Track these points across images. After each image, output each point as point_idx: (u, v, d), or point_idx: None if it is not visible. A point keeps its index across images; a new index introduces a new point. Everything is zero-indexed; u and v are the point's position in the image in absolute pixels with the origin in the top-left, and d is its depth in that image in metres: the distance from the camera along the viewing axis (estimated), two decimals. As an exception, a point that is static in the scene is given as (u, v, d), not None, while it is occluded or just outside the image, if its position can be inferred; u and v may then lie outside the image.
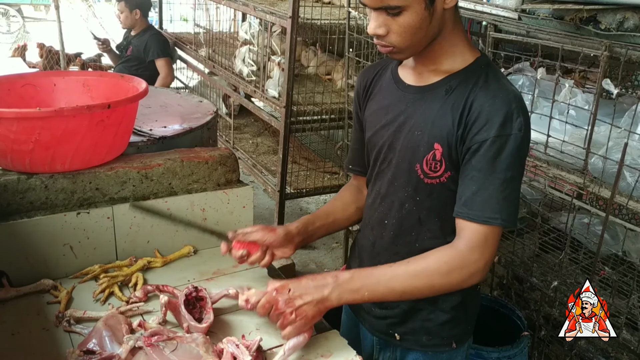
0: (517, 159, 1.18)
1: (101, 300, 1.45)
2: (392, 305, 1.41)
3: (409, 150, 1.29)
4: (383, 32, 1.20)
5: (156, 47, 4.49)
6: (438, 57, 1.27)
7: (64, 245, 1.53)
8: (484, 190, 1.18)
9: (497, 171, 1.17)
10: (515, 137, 1.16)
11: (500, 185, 1.17)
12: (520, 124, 1.17)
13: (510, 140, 1.16)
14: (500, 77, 1.25)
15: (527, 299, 2.39)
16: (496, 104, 1.18)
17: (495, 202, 1.17)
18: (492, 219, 1.18)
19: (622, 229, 2.30)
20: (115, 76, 1.83)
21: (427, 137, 1.25)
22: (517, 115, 1.17)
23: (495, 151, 1.17)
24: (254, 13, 3.49)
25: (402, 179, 1.32)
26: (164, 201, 1.65)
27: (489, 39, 2.27)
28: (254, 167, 3.81)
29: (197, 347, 1.21)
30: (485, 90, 1.21)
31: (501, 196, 1.17)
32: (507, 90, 1.21)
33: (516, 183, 1.20)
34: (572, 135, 2.04)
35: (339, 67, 3.72)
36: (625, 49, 1.78)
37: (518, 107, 1.18)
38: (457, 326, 1.39)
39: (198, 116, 2.07)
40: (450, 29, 1.24)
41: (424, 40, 1.22)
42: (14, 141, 1.43)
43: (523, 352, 2.10)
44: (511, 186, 1.18)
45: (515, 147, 1.17)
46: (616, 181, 1.83)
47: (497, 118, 1.16)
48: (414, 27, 1.17)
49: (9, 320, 1.36)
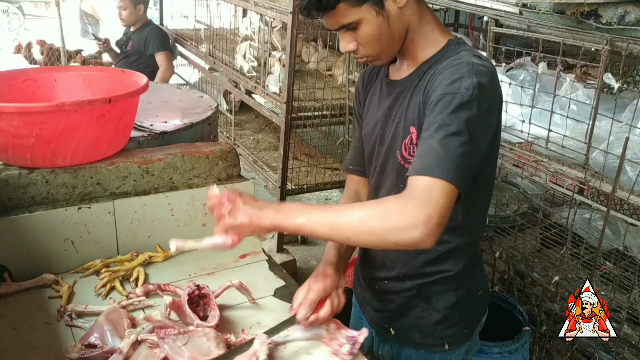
0: (461, 116, 1.11)
1: (102, 295, 1.45)
2: (388, 299, 1.41)
3: (392, 139, 1.31)
4: (353, 48, 1.25)
5: (156, 41, 4.48)
6: (413, 51, 1.30)
7: (65, 240, 1.53)
8: (427, 146, 1.12)
9: (439, 127, 1.12)
10: (461, 95, 1.12)
11: (441, 140, 1.10)
12: (470, 85, 1.12)
13: (456, 98, 1.12)
14: (467, 50, 1.24)
15: (529, 294, 2.39)
16: (448, 70, 1.18)
17: (434, 155, 1.09)
18: (427, 170, 1.08)
19: (624, 223, 2.30)
20: (115, 71, 1.84)
21: (404, 123, 1.27)
22: (468, 77, 1.14)
23: (440, 108, 1.13)
24: (254, 9, 3.49)
25: (388, 168, 1.34)
26: (165, 196, 1.65)
27: (490, 34, 2.27)
28: (255, 164, 3.81)
29: (208, 342, 1.21)
30: (445, 62, 1.22)
31: (442, 150, 1.09)
32: (463, 59, 1.19)
33: (461, 140, 1.10)
34: (573, 130, 2.04)
35: (340, 63, 3.71)
36: (627, 43, 1.77)
37: (470, 71, 1.15)
38: (451, 327, 1.38)
39: (199, 111, 2.07)
40: (417, 22, 1.26)
41: (393, 42, 1.25)
42: (15, 136, 1.43)
43: (524, 347, 2.10)
44: (455, 142, 1.10)
45: (460, 103, 1.11)
46: (617, 176, 1.83)
47: (446, 80, 1.16)
48: (376, 35, 1.22)
49: (10, 314, 1.36)
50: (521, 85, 2.25)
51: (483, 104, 1.14)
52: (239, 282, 1.42)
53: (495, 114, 1.22)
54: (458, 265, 1.34)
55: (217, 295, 1.40)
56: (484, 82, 1.15)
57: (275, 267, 1.67)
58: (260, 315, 1.41)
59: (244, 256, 1.69)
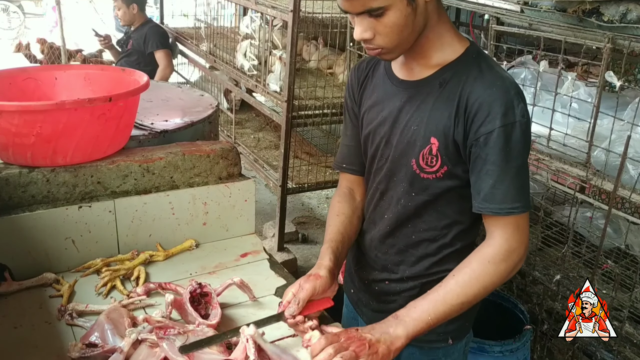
0: (525, 145, 1.19)
1: (103, 294, 1.45)
2: (390, 299, 1.41)
3: (406, 145, 1.28)
4: (370, 36, 1.18)
5: (155, 39, 4.48)
6: (427, 50, 1.25)
7: (66, 239, 1.53)
8: (502, 182, 1.18)
9: (510, 161, 1.17)
10: (520, 123, 1.16)
11: (516, 175, 1.18)
12: (522, 110, 1.17)
13: (516, 128, 1.16)
14: (493, 65, 1.24)
15: (530, 292, 2.38)
16: (494, 93, 1.17)
17: (514, 192, 1.18)
18: (515, 209, 1.18)
19: (625, 222, 2.30)
20: (116, 70, 1.83)
21: (424, 132, 1.24)
22: (518, 101, 1.17)
23: (504, 141, 1.16)
24: (255, 7, 3.48)
25: (399, 174, 1.31)
26: (165, 195, 1.65)
27: (491, 32, 2.26)
28: (256, 162, 3.81)
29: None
30: (481, 81, 1.19)
31: (518, 184, 1.19)
32: (503, 78, 1.20)
33: (527, 168, 1.22)
34: (575, 129, 2.04)
35: (341, 61, 3.70)
36: (628, 41, 1.77)
37: (516, 93, 1.18)
38: (453, 322, 1.35)
39: (199, 110, 2.07)
40: (436, 20, 1.23)
41: (411, 37, 1.20)
42: (16, 135, 1.43)
43: (525, 346, 2.09)
44: (523, 172, 1.20)
45: (521, 134, 1.17)
46: (619, 174, 1.83)
47: (499, 108, 1.16)
48: (400, 26, 1.16)
49: (11, 313, 1.36)
50: (522, 83, 2.24)
51: (530, 123, 1.22)
52: (240, 279, 1.41)
53: None
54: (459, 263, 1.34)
55: (218, 294, 1.39)
56: (526, 102, 1.21)
57: (276, 265, 1.66)
58: (261, 314, 1.41)
59: (245, 255, 1.69)
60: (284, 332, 1.34)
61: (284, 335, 1.33)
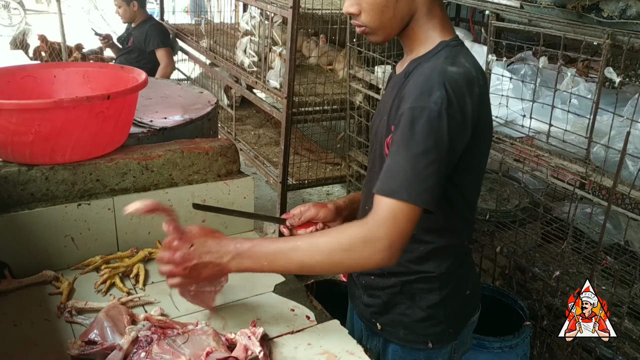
0: (431, 133, 1.10)
1: (102, 291, 1.45)
2: (375, 294, 1.41)
3: (379, 135, 1.31)
4: (355, 11, 1.23)
5: (156, 38, 4.48)
6: (413, 44, 1.28)
7: (65, 236, 1.53)
8: (395, 164, 1.12)
9: (408, 144, 1.11)
10: (429, 110, 1.10)
11: (410, 159, 1.10)
12: (439, 98, 1.11)
13: (424, 113, 1.11)
14: (448, 57, 1.20)
15: (529, 288, 2.38)
16: (420, 79, 1.17)
17: (402, 176, 1.10)
18: (396, 193, 1.10)
19: (625, 218, 2.29)
20: (115, 67, 1.83)
21: (387, 121, 1.26)
22: (438, 88, 1.12)
23: (408, 123, 1.12)
24: (254, 3, 3.48)
25: (377, 165, 1.32)
26: (164, 192, 1.65)
27: (491, 28, 2.26)
28: (256, 159, 3.81)
29: (208, 339, 1.21)
30: (421, 69, 1.20)
31: (411, 171, 1.10)
32: (436, 67, 1.17)
33: (430, 158, 1.10)
34: (575, 125, 2.03)
35: (341, 58, 3.70)
36: (628, 37, 1.76)
37: (441, 81, 1.13)
38: (435, 326, 1.37)
39: (198, 107, 2.07)
40: (424, 13, 1.24)
41: (394, 22, 1.23)
42: (14, 133, 1.43)
43: (525, 342, 2.10)
44: (424, 161, 1.10)
45: (427, 120, 1.10)
46: (618, 170, 1.82)
47: (415, 91, 1.15)
48: (381, 5, 1.20)
49: (11, 311, 1.36)
50: (522, 79, 2.24)
51: (454, 115, 1.12)
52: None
53: (469, 120, 1.16)
54: (441, 267, 1.33)
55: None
56: (455, 90, 1.13)
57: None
58: (260, 311, 1.41)
59: (244, 252, 1.69)
60: (282, 329, 1.34)
61: (283, 332, 1.33)
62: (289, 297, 1.48)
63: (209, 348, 1.17)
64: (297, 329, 1.35)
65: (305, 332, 1.34)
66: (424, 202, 1.11)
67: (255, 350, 1.20)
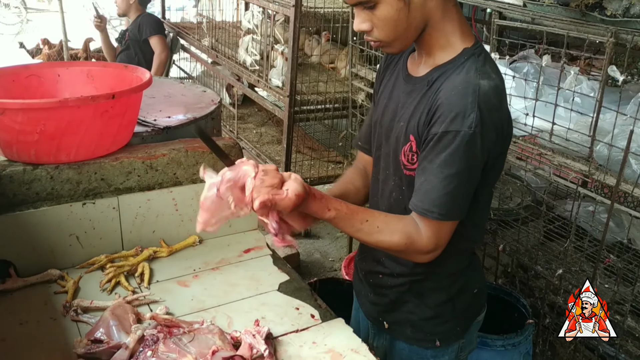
0: (466, 155, 1.14)
1: (108, 290, 1.46)
2: (383, 293, 1.42)
3: (395, 141, 1.29)
4: (367, 28, 1.20)
5: (149, 25, 4.47)
6: (431, 48, 1.24)
7: (70, 235, 1.54)
8: (428, 183, 1.18)
9: (440, 165, 1.16)
10: (463, 134, 1.13)
11: (442, 180, 1.16)
12: (473, 121, 1.12)
13: (458, 137, 1.13)
14: (478, 67, 1.18)
15: (532, 287, 2.39)
16: (453, 96, 1.15)
17: (435, 196, 1.17)
18: (429, 212, 1.17)
19: (627, 216, 2.29)
20: (119, 66, 1.83)
21: (406, 129, 1.25)
22: (472, 110, 1.12)
23: (441, 146, 1.15)
24: (256, 2, 3.48)
25: (391, 168, 1.32)
26: (169, 191, 1.66)
27: (494, 27, 2.26)
28: (258, 157, 3.81)
29: (214, 338, 1.22)
30: (452, 81, 1.18)
31: (443, 191, 1.16)
32: (469, 82, 1.16)
33: (462, 178, 1.17)
34: (578, 123, 2.04)
35: (343, 56, 3.70)
36: (632, 35, 1.76)
37: (475, 101, 1.13)
38: (442, 324, 1.38)
39: (202, 106, 2.07)
40: (439, 17, 1.20)
41: (409, 33, 1.20)
42: (19, 132, 1.44)
43: (528, 340, 2.10)
44: (455, 182, 1.16)
45: (460, 144, 1.13)
46: (621, 169, 1.83)
47: (450, 113, 1.14)
48: (392, 20, 1.16)
49: (17, 310, 1.37)
50: (525, 78, 2.24)
51: (487, 134, 1.15)
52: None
53: (500, 132, 1.19)
54: (450, 267, 1.34)
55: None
56: (489, 109, 1.14)
57: (279, 261, 1.67)
58: (265, 310, 1.42)
59: (248, 251, 1.70)
60: (287, 328, 1.35)
61: (288, 331, 1.34)
62: (293, 295, 1.49)
63: (215, 347, 1.18)
64: (302, 328, 1.35)
65: (310, 331, 1.35)
66: (454, 217, 1.20)
67: (260, 348, 1.21)
